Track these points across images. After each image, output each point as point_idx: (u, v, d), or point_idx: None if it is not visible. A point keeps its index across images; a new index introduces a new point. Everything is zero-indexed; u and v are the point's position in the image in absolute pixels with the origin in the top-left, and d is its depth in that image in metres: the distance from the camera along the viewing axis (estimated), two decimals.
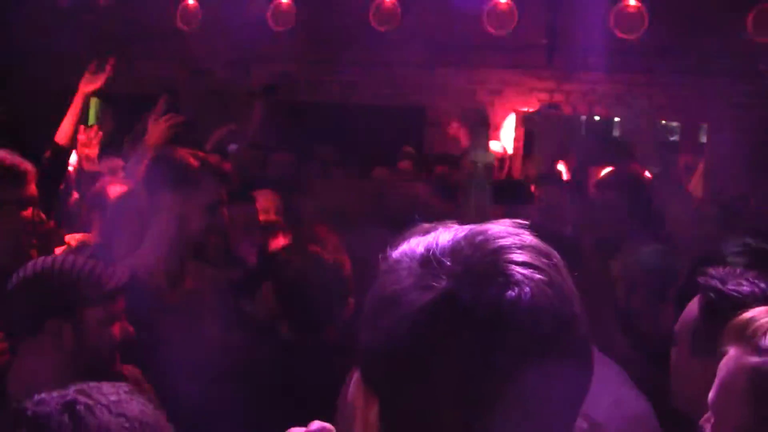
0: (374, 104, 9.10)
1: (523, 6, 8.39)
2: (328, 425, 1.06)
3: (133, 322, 2.51)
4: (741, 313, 1.52)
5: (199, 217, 2.75)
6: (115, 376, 2.26)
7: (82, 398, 1.33)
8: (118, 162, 5.49)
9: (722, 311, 1.79)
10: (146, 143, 4.06)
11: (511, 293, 0.88)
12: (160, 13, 9.62)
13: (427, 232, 0.98)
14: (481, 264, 0.90)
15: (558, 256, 0.95)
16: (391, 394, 0.91)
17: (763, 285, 1.89)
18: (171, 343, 2.64)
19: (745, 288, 1.86)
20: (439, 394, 0.88)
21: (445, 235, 0.96)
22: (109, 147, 6.31)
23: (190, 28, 9.52)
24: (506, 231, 0.95)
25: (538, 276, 0.90)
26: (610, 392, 2.03)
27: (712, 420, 1.52)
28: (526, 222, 0.98)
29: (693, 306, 1.96)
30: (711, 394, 1.52)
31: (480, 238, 0.93)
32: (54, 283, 2.18)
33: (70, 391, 1.35)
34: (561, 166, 7.62)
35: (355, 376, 0.96)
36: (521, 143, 8.67)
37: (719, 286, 1.89)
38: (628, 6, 8.01)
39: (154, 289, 2.71)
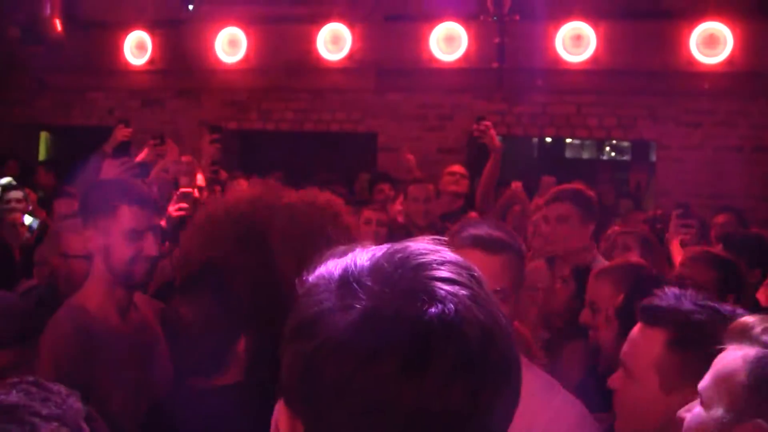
0: (327, 130, 9.10)
1: (473, 30, 8.46)
2: None
3: (88, 356, 2.52)
4: (737, 320, 1.61)
5: (121, 246, 2.65)
6: None
7: None
8: (73, 204, 4.96)
9: (697, 344, 1.78)
10: None
11: (434, 309, 0.85)
12: (110, 45, 9.57)
13: (344, 253, 0.95)
14: (403, 281, 0.88)
15: (477, 269, 0.93)
16: (316, 418, 0.88)
17: (721, 307, 1.90)
18: (126, 373, 2.61)
19: (707, 315, 1.86)
20: (366, 417, 0.84)
21: (363, 255, 0.93)
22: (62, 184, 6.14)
23: (139, 61, 9.47)
24: (426, 248, 0.93)
25: (462, 291, 0.88)
26: (546, 403, 2.03)
27: (698, 408, 1.57)
28: (445, 238, 0.96)
29: (648, 340, 1.90)
30: (704, 384, 1.55)
31: (400, 255, 0.91)
32: None
33: None
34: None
35: (280, 402, 0.94)
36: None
37: (686, 318, 1.87)
38: (574, 29, 8.15)
39: (103, 322, 2.66)
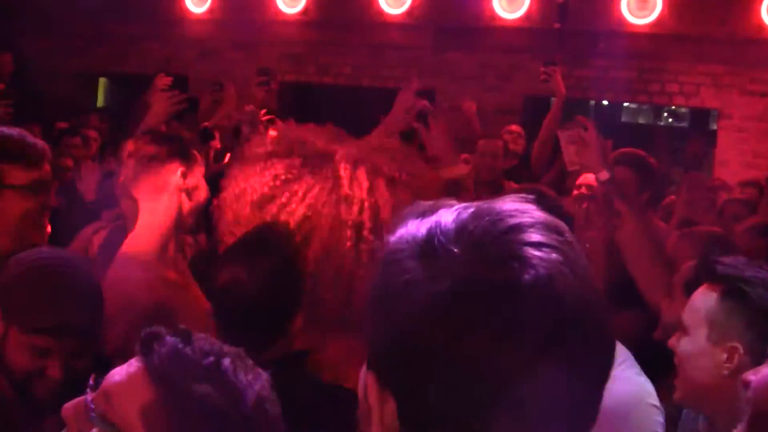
0: (384, 86, 9.05)
1: None
2: None
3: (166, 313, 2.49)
4: None
5: (204, 184, 2.82)
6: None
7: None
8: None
9: (745, 298, 1.84)
10: (149, 121, 3.90)
11: (527, 277, 0.82)
12: None
13: (424, 213, 0.90)
14: (492, 247, 0.84)
15: (569, 231, 0.89)
16: (408, 392, 0.85)
17: None
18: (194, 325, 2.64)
19: (763, 274, 1.89)
20: (458, 389, 0.82)
21: (448, 216, 0.88)
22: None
23: (199, 10, 9.48)
24: (515, 208, 0.88)
25: (554, 256, 0.84)
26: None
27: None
28: (532, 195, 0.92)
29: (705, 296, 1.95)
30: None
31: (488, 218, 0.86)
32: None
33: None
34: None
35: (365, 373, 0.90)
36: None
37: (741, 274, 1.90)
38: None
39: (160, 271, 2.67)
